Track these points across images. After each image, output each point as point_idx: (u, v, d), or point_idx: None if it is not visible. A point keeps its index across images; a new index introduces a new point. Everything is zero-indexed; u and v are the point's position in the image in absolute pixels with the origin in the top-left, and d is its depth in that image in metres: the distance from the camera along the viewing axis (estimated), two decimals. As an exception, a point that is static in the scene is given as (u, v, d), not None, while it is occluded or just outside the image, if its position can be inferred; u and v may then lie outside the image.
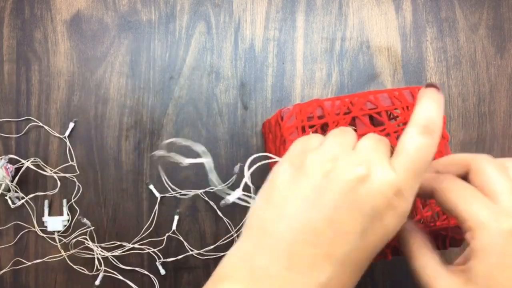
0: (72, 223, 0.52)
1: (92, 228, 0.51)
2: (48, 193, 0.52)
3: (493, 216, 0.25)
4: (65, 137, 0.52)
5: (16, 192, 0.51)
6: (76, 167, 0.52)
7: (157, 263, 0.51)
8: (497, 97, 0.55)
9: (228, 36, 0.54)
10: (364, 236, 0.25)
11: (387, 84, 0.55)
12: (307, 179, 0.26)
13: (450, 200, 0.27)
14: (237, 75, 0.54)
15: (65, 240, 0.52)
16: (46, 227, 0.51)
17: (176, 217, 0.52)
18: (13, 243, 0.52)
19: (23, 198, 0.51)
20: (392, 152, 0.28)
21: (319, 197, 0.25)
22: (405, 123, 0.39)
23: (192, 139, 0.53)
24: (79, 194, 0.52)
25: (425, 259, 0.29)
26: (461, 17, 0.55)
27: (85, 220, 0.50)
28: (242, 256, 0.26)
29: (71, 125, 0.52)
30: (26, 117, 0.53)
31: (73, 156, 0.52)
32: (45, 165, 0.52)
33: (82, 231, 0.52)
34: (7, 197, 0.51)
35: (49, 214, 0.52)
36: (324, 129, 0.40)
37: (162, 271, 0.51)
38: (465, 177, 0.29)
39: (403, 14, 0.55)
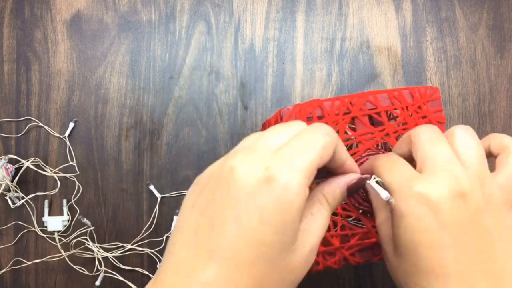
0: (72, 223, 0.52)
1: (92, 228, 0.52)
2: (48, 193, 0.52)
3: (406, 182, 0.26)
4: (65, 137, 0.52)
5: (16, 192, 0.51)
6: (76, 167, 0.52)
7: (158, 266, 0.51)
8: (497, 97, 0.55)
9: (228, 36, 0.54)
10: (239, 221, 0.23)
11: (387, 84, 0.55)
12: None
13: (377, 173, 0.29)
14: (237, 75, 0.54)
15: (65, 240, 0.52)
16: (46, 227, 0.52)
17: (176, 217, 0.52)
18: (13, 243, 0.52)
19: (23, 198, 0.52)
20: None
21: (203, 195, 0.25)
22: (404, 123, 0.39)
23: (192, 139, 0.53)
24: (79, 194, 0.52)
25: (384, 217, 0.31)
26: (461, 17, 0.55)
27: (85, 220, 0.50)
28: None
29: (71, 125, 0.52)
30: (26, 117, 0.53)
31: (73, 156, 0.52)
32: (45, 165, 0.52)
33: (82, 231, 0.52)
34: (7, 197, 0.51)
35: (49, 214, 0.52)
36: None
37: None
38: None
39: (403, 14, 0.55)
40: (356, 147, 0.39)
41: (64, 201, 0.52)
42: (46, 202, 0.52)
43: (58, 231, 0.52)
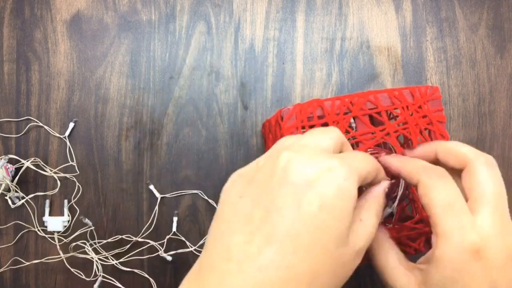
0: (72, 223, 0.52)
1: (92, 227, 0.51)
2: (48, 193, 0.52)
3: (460, 230, 0.25)
4: (65, 137, 0.52)
5: (16, 192, 0.51)
6: (76, 167, 0.52)
7: (161, 254, 0.51)
8: (497, 97, 0.55)
9: (228, 36, 0.54)
10: (298, 206, 0.23)
11: (387, 84, 0.55)
12: (243, 180, 0.27)
13: (428, 198, 0.27)
14: (237, 75, 0.54)
15: (65, 240, 0.52)
16: (46, 227, 0.51)
17: (175, 218, 0.52)
18: (13, 243, 0.52)
19: (23, 198, 0.51)
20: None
21: (253, 186, 0.25)
22: (405, 123, 0.39)
23: (192, 139, 0.53)
24: (79, 194, 0.52)
25: (386, 257, 0.30)
26: (461, 17, 0.55)
27: (86, 220, 0.50)
28: (195, 262, 0.27)
29: (71, 125, 0.52)
30: (26, 117, 0.53)
31: (73, 156, 0.52)
32: (45, 165, 0.52)
33: (83, 231, 0.52)
34: (7, 197, 0.51)
35: (50, 214, 0.52)
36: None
37: (169, 258, 0.51)
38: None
39: (403, 14, 0.55)
40: (357, 147, 0.39)
41: (65, 201, 0.52)
42: (47, 202, 0.52)
43: (58, 232, 0.52)
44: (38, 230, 0.52)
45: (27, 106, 0.53)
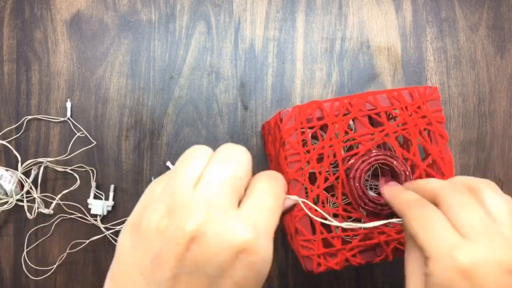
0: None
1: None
2: (72, 188, 0.52)
3: (449, 249, 0.25)
4: (68, 118, 0.52)
5: (40, 199, 0.51)
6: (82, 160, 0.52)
7: None
8: (497, 97, 0.55)
9: (228, 36, 0.54)
10: None
11: (387, 84, 0.55)
12: (143, 245, 0.22)
13: (413, 228, 0.27)
14: (237, 75, 0.54)
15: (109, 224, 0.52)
16: (90, 209, 0.52)
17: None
18: (13, 242, 0.52)
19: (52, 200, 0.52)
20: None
21: (156, 267, 0.21)
22: (404, 123, 0.39)
23: (192, 139, 0.53)
24: (97, 179, 0.52)
25: (413, 256, 0.29)
26: (461, 17, 0.55)
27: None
28: None
29: (69, 104, 0.52)
30: (26, 117, 0.53)
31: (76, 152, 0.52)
32: (55, 166, 0.52)
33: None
34: (39, 209, 0.51)
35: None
36: (323, 131, 0.40)
37: None
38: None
39: (403, 14, 0.55)
40: (357, 148, 0.39)
41: (112, 186, 0.52)
42: (94, 184, 0.52)
43: (98, 215, 0.52)
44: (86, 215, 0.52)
45: (27, 106, 0.53)
